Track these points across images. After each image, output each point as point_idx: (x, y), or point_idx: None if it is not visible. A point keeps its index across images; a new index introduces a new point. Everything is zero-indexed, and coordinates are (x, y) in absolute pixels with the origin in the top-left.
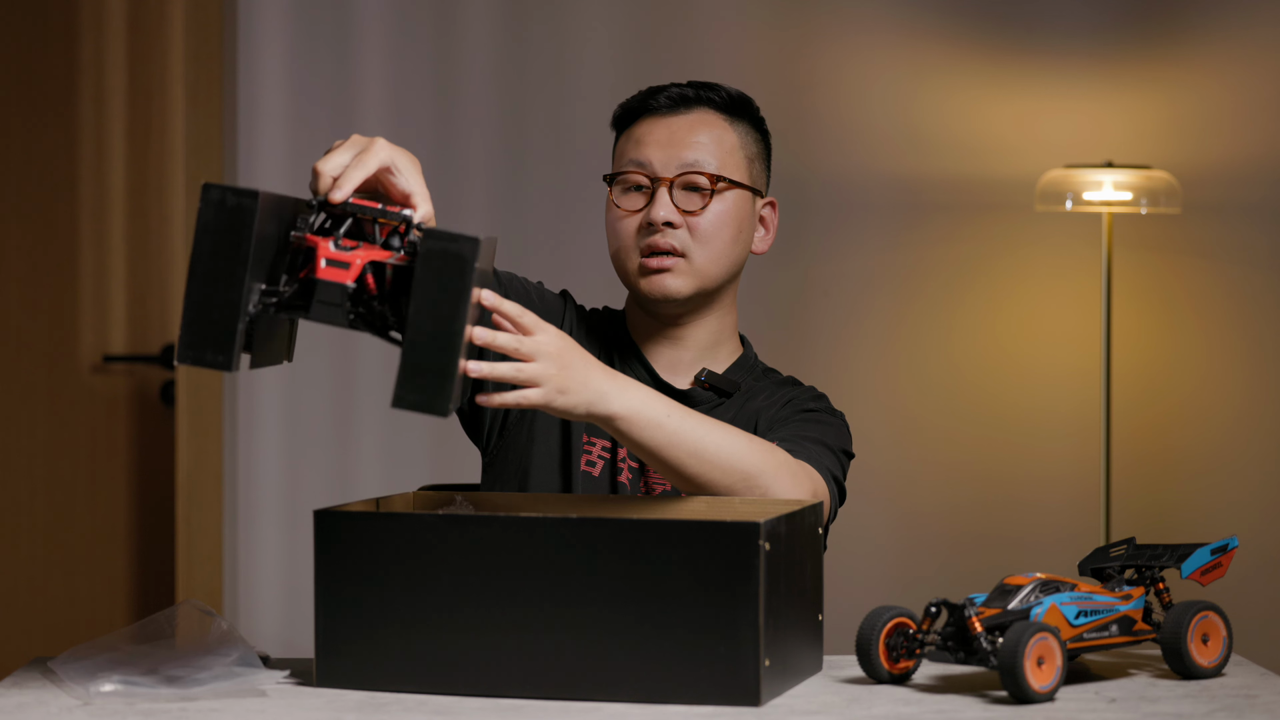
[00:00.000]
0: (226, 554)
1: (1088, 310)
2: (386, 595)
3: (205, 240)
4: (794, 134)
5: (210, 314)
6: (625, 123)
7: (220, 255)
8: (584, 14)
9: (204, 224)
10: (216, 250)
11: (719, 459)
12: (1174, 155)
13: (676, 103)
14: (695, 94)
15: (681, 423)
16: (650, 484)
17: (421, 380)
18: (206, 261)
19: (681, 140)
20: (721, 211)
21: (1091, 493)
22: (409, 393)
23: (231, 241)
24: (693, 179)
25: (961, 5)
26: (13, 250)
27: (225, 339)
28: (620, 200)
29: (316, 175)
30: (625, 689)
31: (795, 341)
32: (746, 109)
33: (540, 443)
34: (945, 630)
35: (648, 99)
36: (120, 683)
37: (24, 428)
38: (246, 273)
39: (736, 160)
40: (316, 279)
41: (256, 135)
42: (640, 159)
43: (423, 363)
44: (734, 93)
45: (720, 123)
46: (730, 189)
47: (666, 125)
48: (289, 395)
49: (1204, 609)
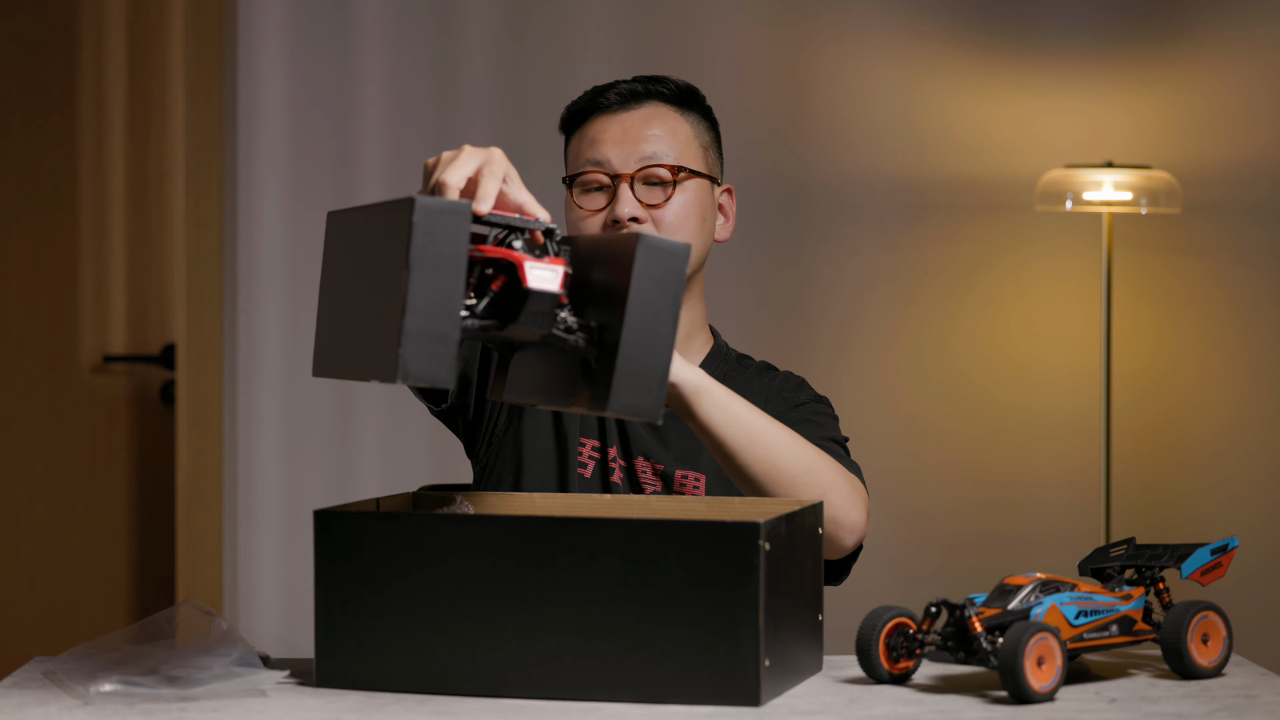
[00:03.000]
0: (226, 554)
1: (1088, 310)
2: (386, 595)
3: (426, 251)
4: (794, 134)
5: (431, 329)
6: (575, 124)
7: (441, 268)
8: (584, 14)
9: (423, 237)
10: (437, 263)
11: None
12: (1174, 155)
13: (626, 98)
14: (644, 88)
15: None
16: (640, 485)
17: (638, 384)
18: (427, 275)
19: (637, 134)
20: (685, 201)
21: (1091, 493)
22: (626, 396)
23: (451, 255)
24: (653, 172)
25: (961, 5)
26: (13, 250)
27: (448, 355)
28: (581, 201)
29: (443, 187)
30: (625, 689)
31: (795, 341)
32: (695, 99)
33: (530, 447)
34: (945, 630)
35: (596, 98)
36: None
37: (24, 428)
38: (463, 285)
39: (693, 150)
40: (529, 289)
41: (256, 135)
42: (597, 157)
43: (638, 367)
44: (681, 84)
45: (672, 115)
46: (690, 178)
47: (619, 121)
48: (289, 395)
49: (1204, 609)
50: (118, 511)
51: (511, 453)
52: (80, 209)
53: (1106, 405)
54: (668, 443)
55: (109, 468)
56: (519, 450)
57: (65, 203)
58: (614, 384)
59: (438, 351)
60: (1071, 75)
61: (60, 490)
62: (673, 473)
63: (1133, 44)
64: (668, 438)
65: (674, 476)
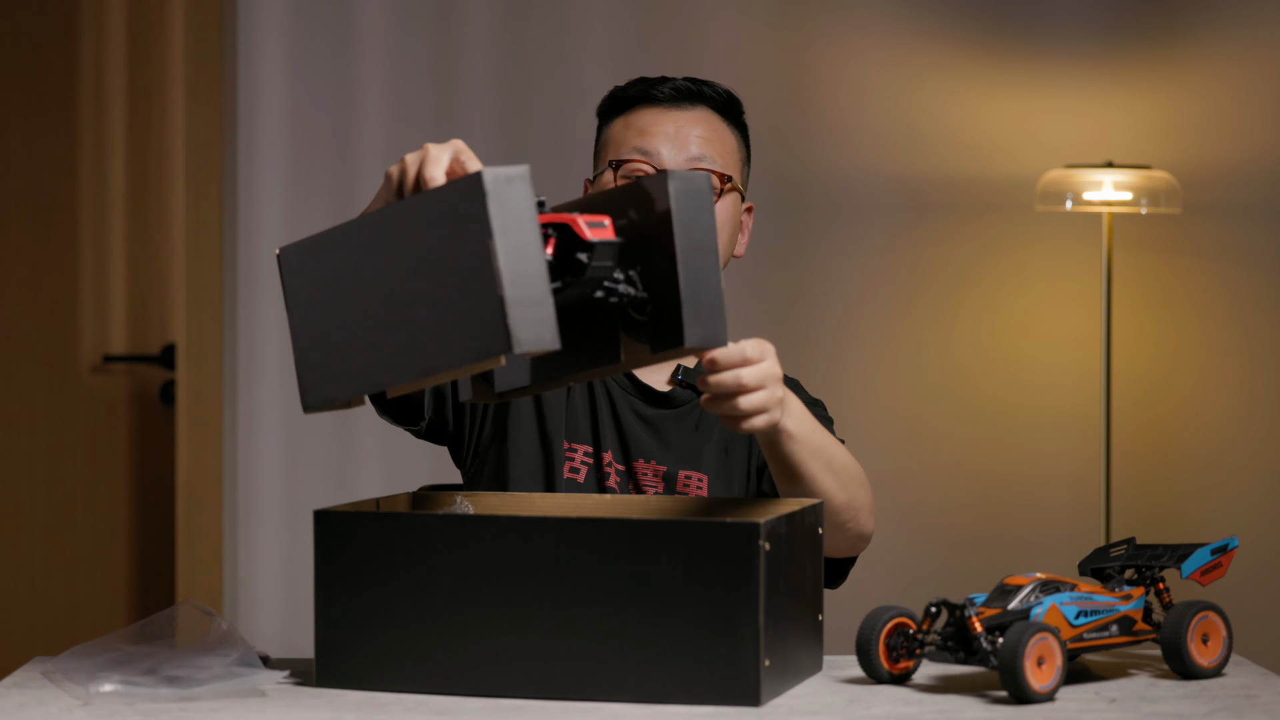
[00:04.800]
0: (226, 554)
1: (1088, 310)
2: (386, 595)
3: (505, 218)
4: (794, 134)
5: (527, 295)
6: (620, 109)
7: (521, 233)
8: (584, 14)
9: (499, 205)
10: (518, 229)
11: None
12: (1174, 155)
13: (680, 96)
14: (697, 89)
15: (824, 437)
16: (641, 487)
17: (704, 314)
18: (512, 242)
19: (688, 135)
20: (724, 211)
21: (1091, 493)
22: (698, 328)
23: (528, 219)
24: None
25: (961, 5)
26: (13, 250)
27: (549, 317)
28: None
29: (429, 182)
30: (625, 689)
31: (795, 341)
32: (737, 111)
33: (515, 455)
34: (945, 630)
35: (648, 89)
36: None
37: (24, 428)
38: (543, 247)
39: (735, 162)
40: (594, 241)
41: (256, 135)
42: (646, 148)
43: (699, 298)
44: (726, 93)
45: (721, 124)
46: (733, 190)
47: (671, 118)
48: (289, 395)
49: (1204, 609)
50: (118, 511)
51: (498, 461)
52: (80, 209)
53: (1106, 405)
54: (669, 444)
55: (109, 468)
56: (505, 459)
57: (65, 203)
58: (685, 319)
59: (541, 315)
60: (1071, 75)
61: (60, 490)
62: (676, 473)
63: (1133, 44)
64: (669, 438)
65: (677, 477)
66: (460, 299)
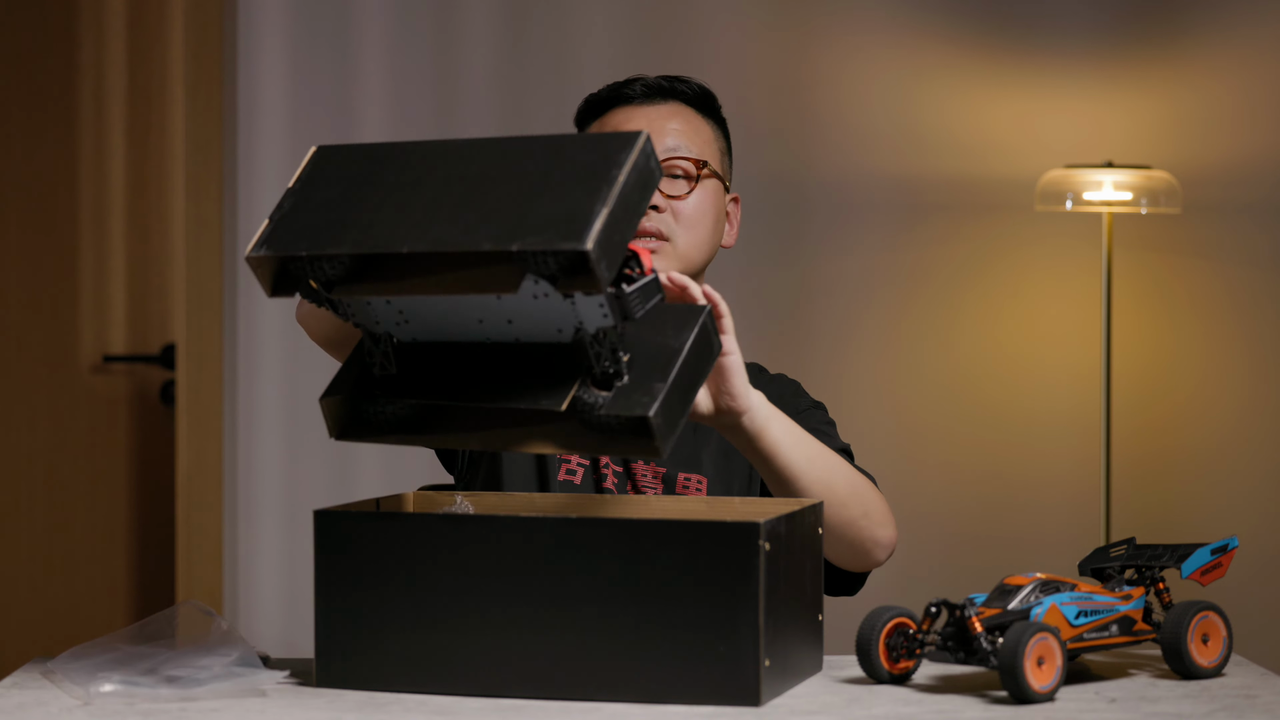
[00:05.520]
0: (226, 554)
1: (1088, 310)
2: (386, 595)
3: (632, 192)
4: (794, 134)
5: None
6: (594, 115)
7: (642, 189)
8: (584, 14)
9: (634, 176)
10: (634, 203)
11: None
12: (1174, 155)
13: (652, 92)
14: (669, 85)
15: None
16: (640, 488)
17: (671, 416)
18: (630, 180)
19: (661, 128)
20: (704, 198)
21: (1091, 493)
22: (664, 420)
23: (656, 173)
24: (677, 164)
25: (961, 5)
26: (13, 250)
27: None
28: None
29: None
30: (625, 689)
31: (795, 341)
32: (713, 104)
33: (509, 460)
34: (945, 630)
35: (620, 89)
36: (120, 683)
37: (24, 428)
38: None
39: (712, 151)
40: (655, 275)
41: (256, 135)
42: None
43: (676, 400)
44: (700, 87)
45: (694, 115)
46: (711, 177)
47: (643, 114)
48: (289, 395)
49: (1204, 609)
50: (118, 511)
51: (490, 467)
52: (80, 209)
53: (1106, 405)
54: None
55: (109, 468)
56: (498, 465)
57: (65, 203)
58: (662, 398)
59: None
60: (1071, 75)
61: (60, 490)
62: (675, 475)
63: (1133, 44)
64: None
65: (676, 479)
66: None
